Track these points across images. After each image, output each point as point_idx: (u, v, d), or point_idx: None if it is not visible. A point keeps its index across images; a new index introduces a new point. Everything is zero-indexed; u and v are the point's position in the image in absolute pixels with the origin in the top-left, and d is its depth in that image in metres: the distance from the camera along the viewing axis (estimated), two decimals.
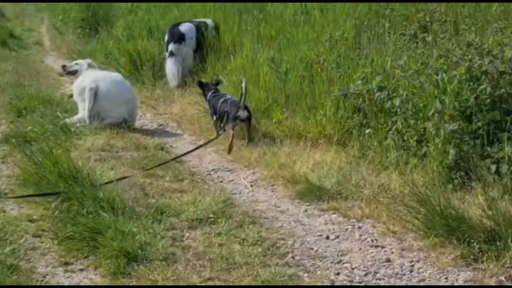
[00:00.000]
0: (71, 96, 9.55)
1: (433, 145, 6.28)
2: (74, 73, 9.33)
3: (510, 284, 4.56)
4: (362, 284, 4.69)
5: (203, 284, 4.61)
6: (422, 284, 4.68)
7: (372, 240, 5.35)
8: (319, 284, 4.66)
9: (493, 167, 5.82)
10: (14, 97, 9.95)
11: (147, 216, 5.55)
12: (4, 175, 6.97)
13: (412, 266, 4.92)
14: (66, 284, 4.72)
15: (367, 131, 7.12)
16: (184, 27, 11.33)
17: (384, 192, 6.02)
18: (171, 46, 11.21)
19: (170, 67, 11.16)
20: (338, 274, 4.81)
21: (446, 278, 4.72)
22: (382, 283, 4.70)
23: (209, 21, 11.74)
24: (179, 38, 11.20)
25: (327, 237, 5.42)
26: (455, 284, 4.64)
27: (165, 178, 6.75)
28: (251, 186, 6.73)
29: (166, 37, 11.48)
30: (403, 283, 4.70)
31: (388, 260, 5.00)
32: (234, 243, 5.20)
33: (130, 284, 4.65)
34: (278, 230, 5.52)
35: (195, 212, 5.70)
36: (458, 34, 7.83)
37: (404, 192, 5.82)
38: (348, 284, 4.68)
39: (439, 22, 8.31)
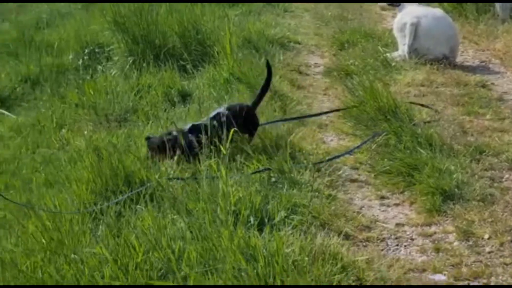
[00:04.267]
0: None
1: None
2: (397, 5, 9.30)
3: None
4: None
5: None
6: None
7: None
8: None
9: None
10: (337, 31, 10.19)
11: (465, 155, 5.42)
12: (325, 106, 7.22)
13: None
14: (381, 217, 4.82)
15: None
16: None
17: None
18: None
19: None
20: None
21: None
22: None
23: None
24: None
25: None
26: None
27: (485, 116, 6.51)
28: None
29: None
30: None
31: None
32: None
33: None
34: None
35: None
36: None
37: None
38: None
39: None
